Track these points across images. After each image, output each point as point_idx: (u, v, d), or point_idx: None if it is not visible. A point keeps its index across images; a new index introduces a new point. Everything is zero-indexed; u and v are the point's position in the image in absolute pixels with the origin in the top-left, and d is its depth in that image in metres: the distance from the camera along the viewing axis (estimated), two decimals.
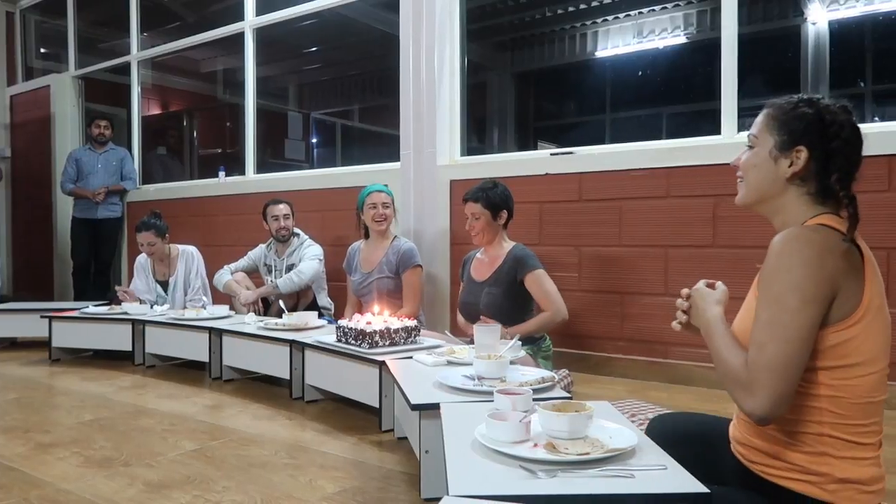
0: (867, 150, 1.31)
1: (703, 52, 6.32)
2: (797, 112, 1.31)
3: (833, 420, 1.21)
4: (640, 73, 7.25)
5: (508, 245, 3.23)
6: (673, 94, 6.80)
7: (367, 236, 3.90)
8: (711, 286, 1.40)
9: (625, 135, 7.37)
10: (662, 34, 6.79)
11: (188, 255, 4.58)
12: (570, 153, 3.92)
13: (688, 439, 1.42)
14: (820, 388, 1.22)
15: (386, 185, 3.91)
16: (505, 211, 3.22)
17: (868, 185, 2.95)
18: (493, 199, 3.19)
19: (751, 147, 1.39)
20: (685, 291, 1.44)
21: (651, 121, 7.10)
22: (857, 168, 1.30)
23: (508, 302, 3.12)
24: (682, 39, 6.75)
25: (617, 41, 7.22)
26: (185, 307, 4.32)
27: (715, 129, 3.50)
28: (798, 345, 1.18)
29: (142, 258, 4.63)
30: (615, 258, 3.67)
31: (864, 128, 1.32)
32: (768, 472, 1.28)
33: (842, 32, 5.69)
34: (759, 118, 1.38)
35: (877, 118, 6.05)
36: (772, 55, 5.86)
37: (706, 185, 3.34)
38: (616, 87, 7.50)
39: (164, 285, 4.58)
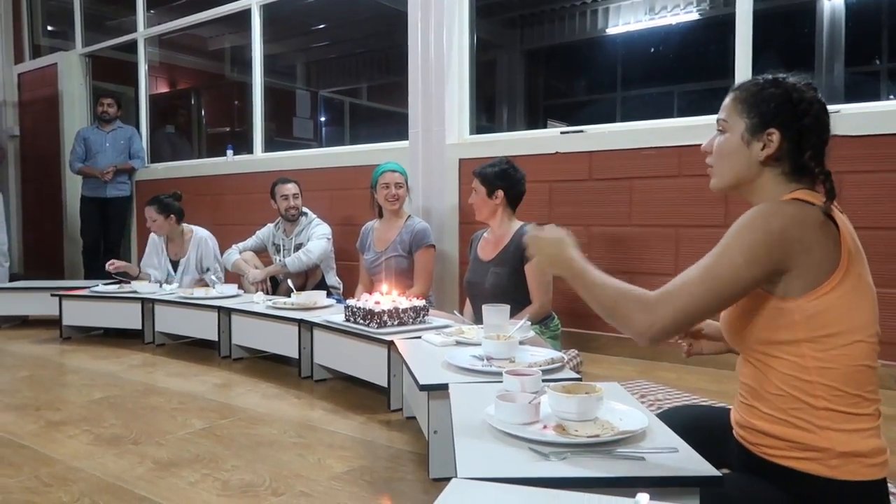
0: (881, 128, 1.30)
1: (717, 28, 6.23)
2: (765, 93, 1.31)
3: (827, 393, 1.21)
4: (651, 50, 7.15)
5: (516, 225, 3.20)
6: (685, 71, 6.70)
7: (381, 215, 3.89)
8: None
9: (636, 113, 7.29)
10: (675, 10, 6.68)
11: (201, 241, 4.55)
12: (581, 132, 3.88)
13: (692, 430, 1.40)
14: (808, 361, 1.22)
15: (399, 164, 3.88)
16: (500, 190, 3.17)
17: (881, 164, 2.92)
18: (488, 176, 3.17)
19: (721, 132, 1.39)
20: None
21: (662, 99, 7.01)
22: (828, 143, 1.30)
23: (513, 283, 3.09)
24: (694, 16, 6.64)
25: (628, 18, 7.12)
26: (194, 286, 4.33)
27: None
28: (718, 298, 1.23)
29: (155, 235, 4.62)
30: (625, 238, 3.64)
31: (879, 105, 1.30)
32: (770, 454, 1.27)
33: (858, 9, 5.57)
34: (727, 102, 1.38)
35: (892, 96, 5.95)
36: (786, 31, 5.76)
37: None
38: (627, 65, 7.40)
39: (176, 265, 4.59)
